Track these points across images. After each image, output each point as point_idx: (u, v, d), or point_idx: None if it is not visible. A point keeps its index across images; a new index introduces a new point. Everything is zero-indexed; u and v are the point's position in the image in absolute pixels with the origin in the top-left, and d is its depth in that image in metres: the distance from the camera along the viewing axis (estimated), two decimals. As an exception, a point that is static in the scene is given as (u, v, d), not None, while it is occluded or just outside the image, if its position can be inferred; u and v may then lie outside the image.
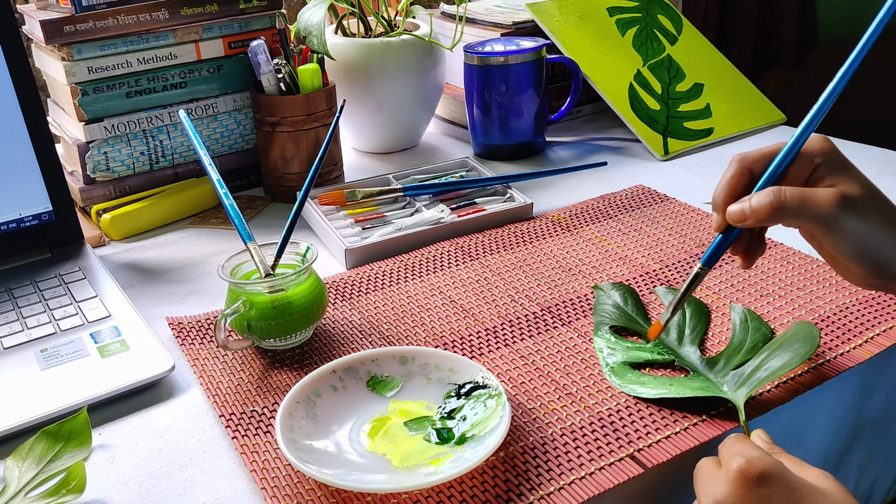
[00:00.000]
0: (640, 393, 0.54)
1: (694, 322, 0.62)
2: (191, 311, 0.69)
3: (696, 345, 0.59)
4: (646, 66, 1.05)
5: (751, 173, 0.51)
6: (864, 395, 0.61)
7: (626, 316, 0.63)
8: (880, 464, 0.64)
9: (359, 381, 0.56)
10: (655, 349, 0.59)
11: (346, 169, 0.98)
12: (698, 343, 0.59)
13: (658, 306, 0.65)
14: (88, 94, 0.84)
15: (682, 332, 0.61)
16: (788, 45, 1.99)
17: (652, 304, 0.66)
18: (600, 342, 0.60)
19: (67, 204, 0.78)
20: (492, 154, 1.00)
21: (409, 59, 0.97)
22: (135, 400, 0.58)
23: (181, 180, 0.91)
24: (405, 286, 0.71)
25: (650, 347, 0.59)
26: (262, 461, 0.50)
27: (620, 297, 0.65)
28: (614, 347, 0.59)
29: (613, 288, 0.66)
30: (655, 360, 0.58)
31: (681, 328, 0.61)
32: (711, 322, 0.63)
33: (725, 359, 0.57)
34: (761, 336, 0.59)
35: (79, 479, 0.48)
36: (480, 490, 0.47)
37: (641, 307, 0.64)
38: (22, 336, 0.64)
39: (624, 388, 0.55)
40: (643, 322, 0.62)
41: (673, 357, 0.58)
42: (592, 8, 1.08)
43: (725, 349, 0.58)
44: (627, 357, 0.58)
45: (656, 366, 0.58)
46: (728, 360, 0.57)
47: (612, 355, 0.58)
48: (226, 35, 0.90)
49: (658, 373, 0.57)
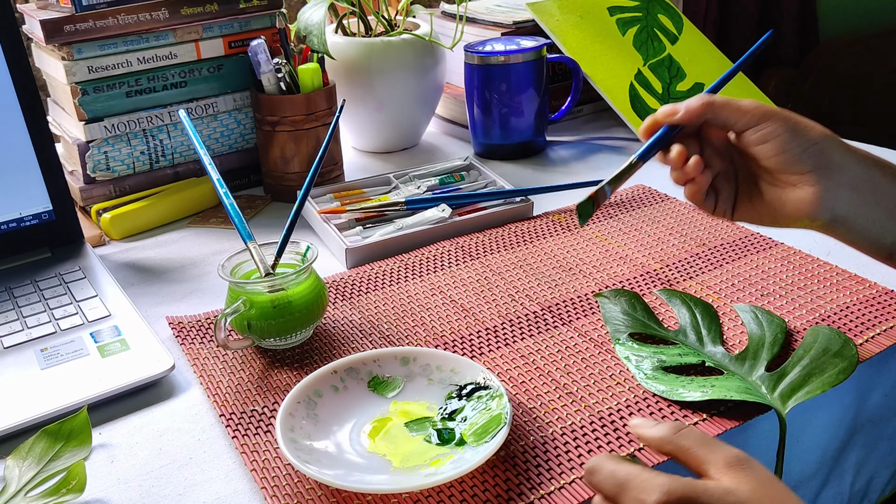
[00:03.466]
0: (686, 397, 0.53)
1: (707, 323, 0.61)
2: (191, 311, 0.69)
3: (718, 343, 0.59)
4: (646, 66, 1.05)
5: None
6: (862, 394, 0.61)
7: (639, 322, 0.62)
8: (877, 461, 0.64)
9: (360, 382, 0.56)
10: (683, 351, 0.58)
11: (346, 168, 0.98)
12: (720, 341, 0.59)
13: (662, 309, 0.65)
14: (88, 94, 0.84)
15: (700, 335, 0.60)
16: (789, 45, 1.99)
17: (657, 308, 0.66)
18: (623, 350, 0.59)
19: (67, 203, 0.78)
20: (492, 153, 1.00)
21: (410, 59, 0.97)
22: (135, 399, 0.58)
23: (181, 180, 0.91)
24: (405, 286, 0.71)
25: (678, 350, 0.58)
26: (262, 461, 0.50)
27: (627, 303, 0.64)
28: (640, 354, 0.58)
29: (617, 295, 0.66)
30: (687, 363, 0.57)
31: (697, 330, 0.60)
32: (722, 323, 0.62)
33: (752, 354, 0.57)
34: (778, 328, 0.59)
35: (79, 478, 0.48)
36: (480, 490, 0.47)
37: (650, 310, 0.64)
38: (22, 335, 0.64)
39: (669, 396, 0.53)
40: (658, 326, 0.62)
41: (703, 358, 0.57)
42: (593, 7, 1.08)
43: (749, 345, 0.58)
44: (658, 362, 0.57)
45: (689, 369, 0.57)
46: (755, 355, 0.57)
47: (641, 362, 0.57)
48: (226, 34, 0.90)
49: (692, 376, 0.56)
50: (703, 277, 0.69)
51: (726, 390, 0.53)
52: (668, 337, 0.60)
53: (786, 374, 0.54)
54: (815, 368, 0.54)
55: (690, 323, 0.61)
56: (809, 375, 0.53)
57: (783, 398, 0.52)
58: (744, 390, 0.53)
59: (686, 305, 0.63)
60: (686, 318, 0.62)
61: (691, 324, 0.61)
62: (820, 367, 0.54)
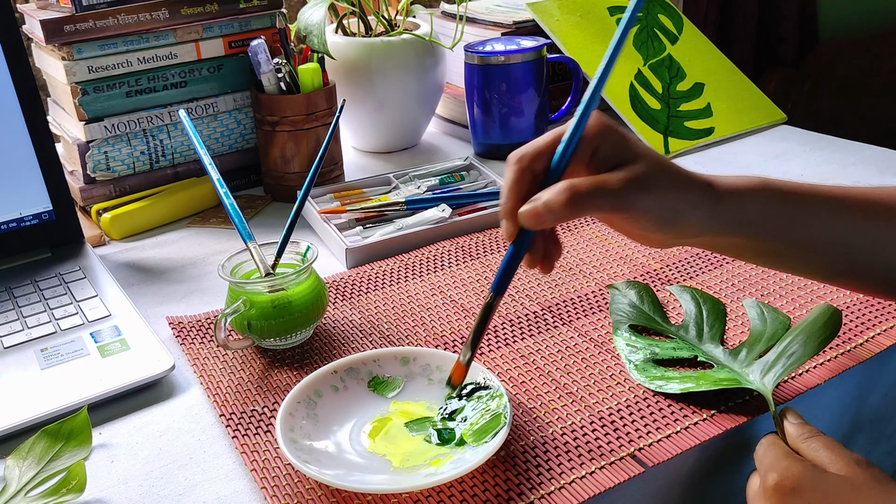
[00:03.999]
0: (667, 389, 0.54)
1: (712, 320, 0.61)
2: (191, 311, 0.69)
3: (716, 341, 0.59)
4: (646, 66, 1.05)
5: (532, 172, 0.47)
6: (863, 394, 0.61)
7: (643, 315, 0.63)
8: (877, 460, 0.64)
9: (360, 382, 0.56)
10: (677, 345, 0.59)
11: (347, 168, 0.98)
12: (719, 339, 0.59)
13: (675, 304, 0.65)
14: (88, 94, 0.84)
15: (701, 331, 0.60)
16: (789, 45, 1.99)
17: (669, 303, 0.65)
18: (620, 341, 0.60)
19: (67, 203, 0.78)
20: (492, 153, 1.00)
21: (410, 59, 0.97)
22: (135, 399, 0.58)
23: (181, 180, 0.91)
24: (405, 286, 0.71)
25: (673, 344, 0.59)
26: (262, 461, 0.50)
27: (636, 295, 0.65)
28: (635, 346, 0.59)
29: (629, 286, 0.66)
30: (679, 357, 0.58)
31: (699, 326, 0.61)
32: (728, 320, 0.63)
33: (748, 348, 0.57)
34: (780, 325, 0.59)
35: (79, 478, 0.48)
36: (481, 490, 0.47)
37: (658, 304, 0.64)
38: (22, 335, 0.64)
39: (650, 385, 0.55)
40: (661, 320, 0.62)
41: (696, 353, 0.58)
42: (593, 7, 1.08)
43: (747, 339, 0.58)
44: (650, 354, 0.58)
45: (680, 362, 0.58)
46: (750, 348, 0.57)
47: (634, 353, 0.58)
48: (226, 34, 0.90)
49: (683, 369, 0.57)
50: (704, 277, 0.69)
51: (710, 382, 0.53)
52: (668, 331, 0.61)
53: (772, 358, 0.55)
54: (799, 347, 0.55)
55: (695, 319, 0.62)
56: (793, 354, 0.54)
57: (769, 381, 0.53)
58: (729, 380, 0.53)
59: (695, 301, 0.64)
60: (691, 315, 0.62)
61: (695, 320, 0.62)
62: (803, 342, 0.55)
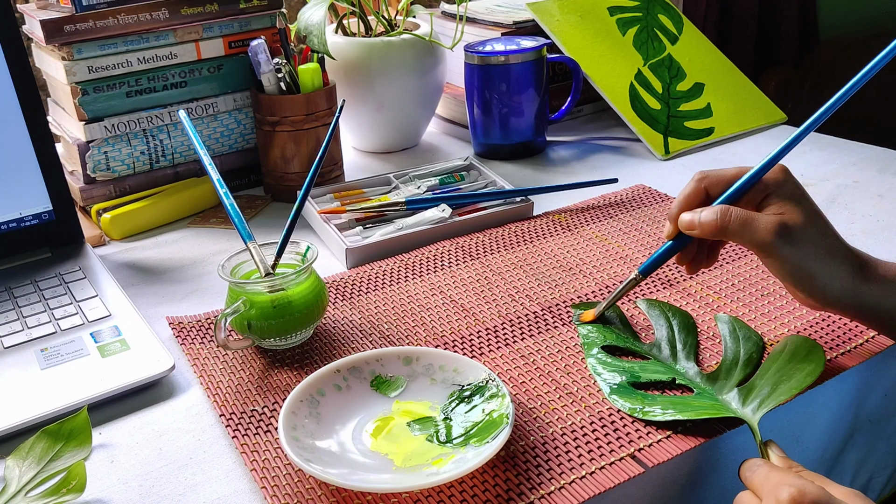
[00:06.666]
0: (650, 416, 0.52)
1: (684, 336, 0.60)
2: (191, 311, 0.69)
3: (692, 359, 0.58)
4: (646, 66, 1.05)
5: (707, 193, 0.57)
6: (862, 395, 0.61)
7: (613, 334, 0.61)
8: (876, 461, 0.64)
9: (363, 381, 0.56)
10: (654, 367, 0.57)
11: (347, 168, 0.98)
12: (694, 357, 0.58)
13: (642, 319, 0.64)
14: (89, 94, 0.84)
15: (675, 349, 0.59)
16: (789, 45, 1.99)
17: (636, 320, 0.65)
18: (595, 364, 0.58)
19: (68, 203, 0.78)
20: (492, 153, 1.00)
21: (410, 59, 0.97)
22: (135, 399, 0.58)
23: (181, 180, 0.91)
24: (406, 286, 0.71)
25: (649, 366, 0.57)
26: (262, 461, 0.50)
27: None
28: (609, 368, 0.57)
29: (593, 307, 0.64)
30: (657, 380, 0.56)
31: (672, 344, 0.60)
32: (700, 333, 0.61)
33: (724, 373, 0.56)
34: (753, 345, 0.58)
35: (79, 478, 0.48)
36: (481, 490, 0.47)
37: (627, 322, 0.63)
38: (22, 335, 0.64)
39: (634, 413, 0.52)
40: (633, 339, 0.61)
41: (673, 375, 0.56)
42: (593, 7, 1.08)
43: (721, 363, 0.57)
44: (627, 378, 0.56)
45: (658, 386, 0.56)
46: (728, 373, 0.56)
47: (609, 376, 0.56)
48: (226, 34, 0.90)
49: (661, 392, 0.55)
50: (704, 277, 0.69)
51: (693, 411, 0.51)
52: (642, 351, 0.59)
53: (754, 387, 0.53)
54: (783, 376, 0.53)
55: (667, 336, 0.60)
56: (777, 384, 0.53)
57: (753, 410, 0.51)
58: (711, 408, 0.52)
59: (664, 317, 0.62)
60: (663, 332, 0.61)
61: (667, 337, 0.60)
62: (787, 374, 0.53)
